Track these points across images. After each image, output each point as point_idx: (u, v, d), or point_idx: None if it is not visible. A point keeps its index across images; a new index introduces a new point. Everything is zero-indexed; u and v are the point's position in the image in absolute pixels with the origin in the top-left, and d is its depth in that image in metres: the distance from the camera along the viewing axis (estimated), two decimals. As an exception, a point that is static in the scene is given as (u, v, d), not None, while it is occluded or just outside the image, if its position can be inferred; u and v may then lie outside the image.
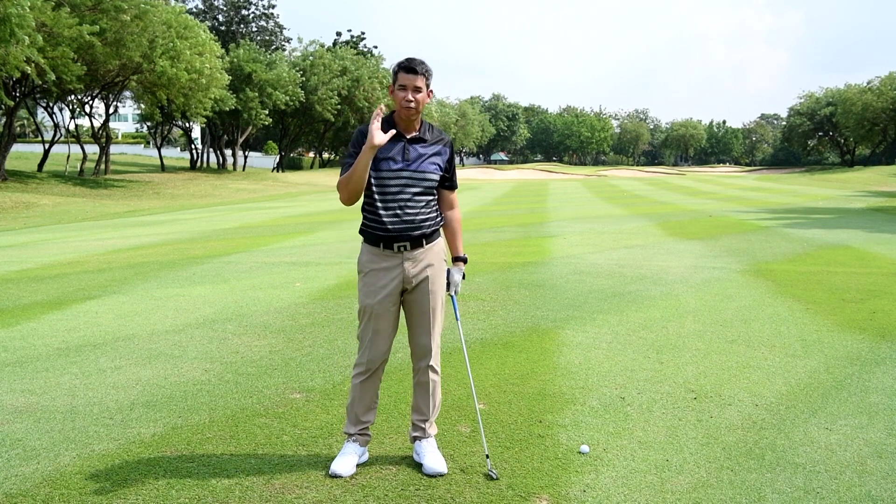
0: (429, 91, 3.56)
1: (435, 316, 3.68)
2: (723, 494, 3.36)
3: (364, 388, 3.67)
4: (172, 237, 15.65)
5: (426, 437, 3.72)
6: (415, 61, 3.51)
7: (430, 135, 3.65)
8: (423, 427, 3.73)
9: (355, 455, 3.64)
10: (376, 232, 3.60)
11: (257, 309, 7.52)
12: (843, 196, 33.66)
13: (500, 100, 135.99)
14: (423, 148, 3.60)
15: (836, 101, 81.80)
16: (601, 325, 6.70)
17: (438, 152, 3.65)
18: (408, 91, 3.49)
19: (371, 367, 3.65)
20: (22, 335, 6.47)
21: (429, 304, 3.65)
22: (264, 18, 70.95)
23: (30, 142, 64.56)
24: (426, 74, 3.52)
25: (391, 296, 3.61)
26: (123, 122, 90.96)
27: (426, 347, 3.68)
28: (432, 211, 3.68)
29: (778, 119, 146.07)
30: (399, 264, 3.59)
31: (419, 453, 3.68)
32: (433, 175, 3.62)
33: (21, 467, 3.67)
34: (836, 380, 5.07)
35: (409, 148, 3.57)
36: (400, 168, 3.54)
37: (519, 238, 14.72)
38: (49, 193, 31.44)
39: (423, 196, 3.61)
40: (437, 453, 3.67)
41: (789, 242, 13.37)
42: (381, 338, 3.63)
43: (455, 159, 3.80)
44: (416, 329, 3.68)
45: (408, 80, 3.49)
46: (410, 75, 3.48)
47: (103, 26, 30.83)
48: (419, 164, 3.57)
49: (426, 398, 3.73)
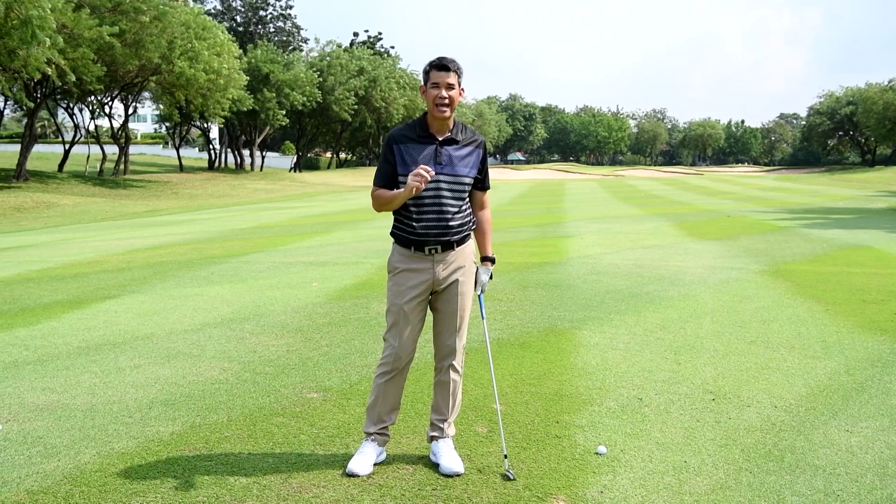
0: (461, 89, 3.53)
1: (463, 318, 3.66)
2: (741, 497, 3.33)
3: (388, 388, 3.65)
4: (191, 237, 15.75)
5: (444, 437, 3.71)
6: (446, 59, 3.49)
7: (463, 135, 3.60)
8: (442, 427, 3.72)
9: (373, 454, 3.63)
10: (408, 235, 3.57)
11: (275, 308, 7.55)
12: (863, 196, 33.32)
13: (517, 100, 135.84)
14: (457, 150, 3.56)
15: (856, 100, 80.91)
16: (618, 326, 6.67)
17: (472, 153, 3.60)
18: (441, 88, 3.46)
19: (397, 366, 3.62)
20: (43, 334, 6.54)
21: (457, 305, 3.63)
22: (282, 19, 71.21)
23: (50, 142, 65.25)
24: (458, 72, 3.50)
25: (420, 296, 3.60)
26: (142, 122, 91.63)
27: (451, 348, 3.65)
28: (466, 214, 3.66)
29: (797, 118, 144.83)
30: (430, 267, 3.57)
31: (436, 453, 3.67)
32: (467, 178, 3.58)
33: (42, 464, 3.70)
34: (856, 382, 5.02)
35: (441, 151, 3.52)
36: (436, 172, 3.49)
37: (536, 238, 14.68)
38: (69, 193, 31.76)
39: (456, 200, 3.57)
40: (454, 453, 3.66)
41: (809, 243, 13.25)
42: (407, 338, 3.60)
43: (488, 159, 3.76)
44: (443, 329, 3.66)
45: (440, 78, 3.46)
46: (443, 72, 3.46)
47: (123, 27, 31.08)
48: (453, 168, 3.53)
49: (446, 398, 3.71)
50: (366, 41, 79.15)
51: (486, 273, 3.77)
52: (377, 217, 20.04)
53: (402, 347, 3.61)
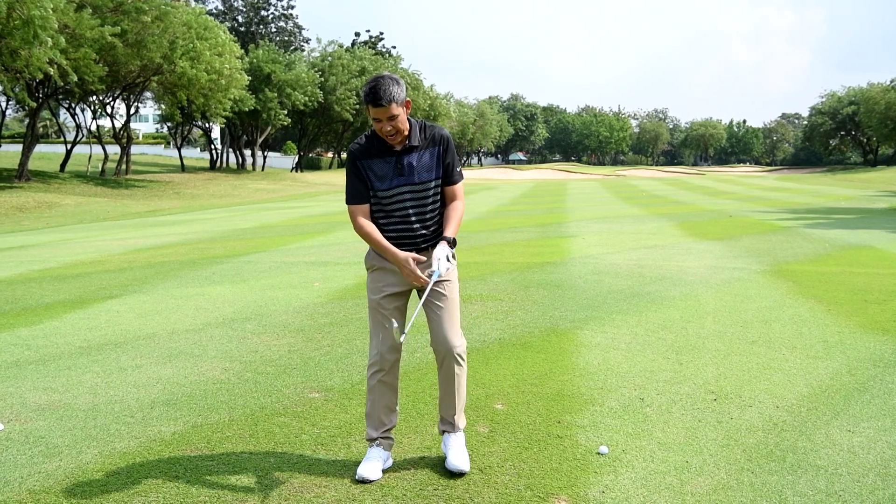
0: (406, 104, 3.38)
1: (451, 309, 3.62)
2: (743, 497, 3.33)
3: (382, 387, 3.63)
4: (192, 237, 15.76)
5: (455, 430, 3.69)
6: (378, 90, 3.28)
7: (421, 137, 3.49)
8: (452, 421, 3.69)
9: (380, 459, 3.59)
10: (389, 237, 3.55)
11: (276, 308, 7.55)
12: (865, 196, 33.28)
13: (519, 99, 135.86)
14: (417, 157, 3.48)
15: (858, 100, 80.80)
16: (620, 326, 6.67)
17: (432, 153, 3.52)
18: (383, 122, 3.36)
19: (384, 364, 3.59)
20: (45, 333, 6.54)
21: (446, 297, 3.60)
22: (283, 19, 71.33)
23: (52, 142, 65.32)
24: (395, 99, 3.31)
25: (396, 294, 3.59)
26: (144, 122, 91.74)
27: (446, 339, 3.59)
28: (438, 215, 3.61)
29: (799, 118, 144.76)
30: None
31: (446, 445, 3.66)
32: (431, 183, 3.52)
33: (44, 464, 3.71)
34: (858, 382, 5.01)
35: (400, 161, 3.46)
36: (397, 185, 3.46)
37: (537, 238, 14.68)
38: (71, 193, 31.78)
39: (421, 208, 3.54)
40: (463, 450, 3.64)
41: (811, 243, 13.23)
42: (388, 334, 3.57)
43: (453, 150, 3.60)
44: (435, 321, 3.61)
45: (378, 114, 3.33)
46: (379, 109, 3.31)
47: (125, 27, 31.11)
48: (414, 177, 3.48)
49: (451, 390, 3.66)
50: (367, 41, 79.21)
51: (442, 250, 3.45)
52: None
53: (385, 342, 3.58)
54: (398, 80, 3.36)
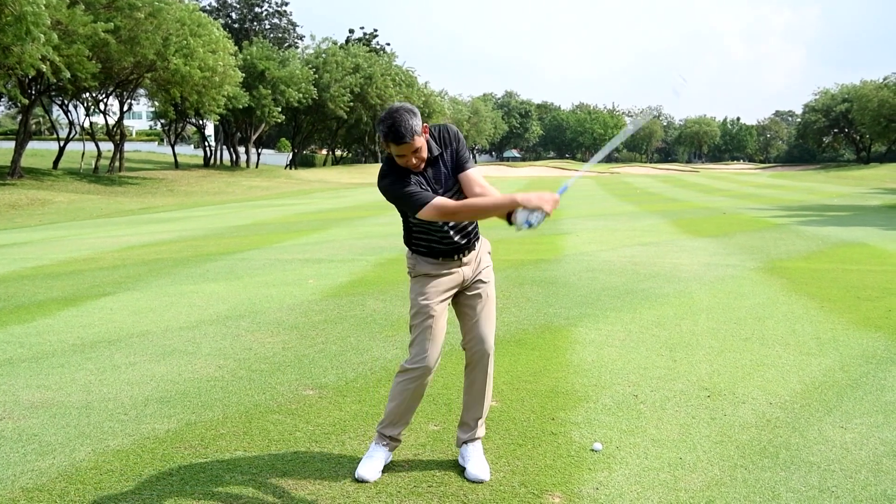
0: (424, 129, 3.28)
1: (490, 305, 3.64)
2: (737, 493, 3.34)
3: (420, 390, 3.57)
4: (186, 234, 15.73)
5: (475, 439, 3.66)
6: (399, 128, 3.16)
7: (438, 145, 3.44)
8: (476, 426, 3.67)
9: (382, 459, 3.57)
10: (436, 246, 3.51)
11: (270, 306, 7.55)
12: (858, 193, 33.40)
13: (513, 97, 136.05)
14: (441, 164, 3.43)
15: (851, 97, 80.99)
16: (614, 323, 6.68)
17: (451, 155, 3.47)
18: (407, 157, 3.26)
19: (427, 370, 3.51)
20: (37, 331, 6.52)
21: (486, 297, 3.61)
22: (277, 16, 71.26)
23: (45, 139, 64.99)
24: (416, 131, 3.20)
25: (448, 298, 3.57)
26: (137, 119, 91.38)
27: (487, 338, 3.59)
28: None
29: (793, 116, 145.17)
30: (458, 269, 3.54)
31: (464, 457, 3.62)
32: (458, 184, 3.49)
33: (37, 462, 3.70)
34: (851, 378, 5.03)
35: (426, 175, 3.38)
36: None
37: (531, 235, 14.68)
38: (64, 191, 31.67)
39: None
40: (482, 459, 3.61)
41: (804, 240, 13.28)
42: (437, 339, 3.52)
43: (463, 141, 3.52)
44: (476, 323, 3.59)
45: (403, 150, 3.22)
46: (403, 146, 3.20)
47: (118, 24, 30.98)
48: (449, 182, 3.43)
49: (482, 392, 3.66)
50: (361, 38, 79.18)
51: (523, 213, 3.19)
52: (373, 214, 20.06)
53: (435, 349, 3.51)
54: (412, 108, 3.25)
